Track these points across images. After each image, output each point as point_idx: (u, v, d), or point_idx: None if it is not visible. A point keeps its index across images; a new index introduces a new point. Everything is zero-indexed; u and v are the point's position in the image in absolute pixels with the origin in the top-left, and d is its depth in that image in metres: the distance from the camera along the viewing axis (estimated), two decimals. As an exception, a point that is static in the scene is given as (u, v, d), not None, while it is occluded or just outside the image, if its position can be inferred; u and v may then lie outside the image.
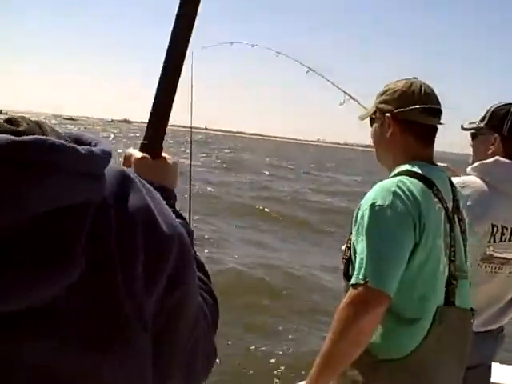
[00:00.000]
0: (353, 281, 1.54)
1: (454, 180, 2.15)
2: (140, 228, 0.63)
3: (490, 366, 2.38)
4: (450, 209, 1.68)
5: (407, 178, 1.62)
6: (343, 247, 1.75)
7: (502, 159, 2.20)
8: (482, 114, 2.30)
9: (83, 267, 0.56)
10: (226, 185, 21.06)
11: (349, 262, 1.69)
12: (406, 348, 1.58)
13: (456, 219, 1.71)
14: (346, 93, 2.67)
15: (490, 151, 2.24)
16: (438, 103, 1.77)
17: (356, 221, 1.63)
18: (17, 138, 0.52)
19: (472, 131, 2.33)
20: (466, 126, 2.35)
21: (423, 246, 1.57)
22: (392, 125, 1.75)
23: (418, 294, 1.59)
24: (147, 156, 1.01)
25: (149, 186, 0.71)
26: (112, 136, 54.89)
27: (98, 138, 0.65)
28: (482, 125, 2.28)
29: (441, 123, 1.78)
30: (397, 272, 1.53)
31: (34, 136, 0.54)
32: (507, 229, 2.18)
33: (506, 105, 2.27)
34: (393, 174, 1.70)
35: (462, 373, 1.72)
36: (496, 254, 2.17)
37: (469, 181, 2.19)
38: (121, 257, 0.60)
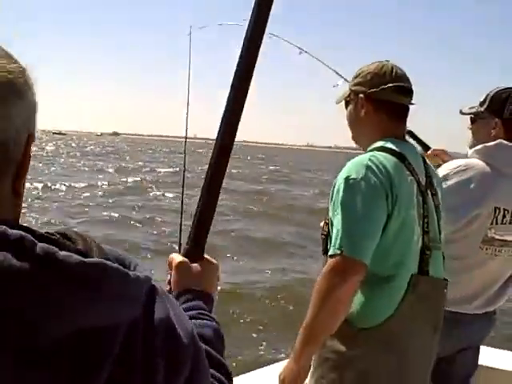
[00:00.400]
0: (330, 252, 1.58)
1: (456, 162, 2.22)
2: (161, 341, 0.67)
3: (478, 348, 2.43)
4: (423, 183, 1.74)
5: (380, 153, 1.69)
6: (321, 223, 1.80)
7: (504, 142, 2.23)
8: (482, 99, 2.32)
9: None
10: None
11: (327, 237, 1.73)
12: (381, 316, 1.63)
13: (429, 193, 1.77)
14: (340, 75, 2.71)
15: (491, 135, 2.26)
16: (409, 82, 1.83)
17: (332, 196, 1.69)
18: (85, 260, 0.58)
19: (471, 116, 2.36)
20: (465, 110, 2.38)
21: (396, 216, 1.62)
22: (365, 105, 1.82)
23: (393, 262, 1.64)
24: (186, 261, 1.03)
25: (172, 298, 0.76)
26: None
27: (135, 260, 0.71)
28: (482, 109, 2.30)
29: (412, 103, 1.84)
30: (371, 241, 1.58)
31: (98, 260, 0.60)
32: (508, 211, 2.21)
33: (506, 89, 2.30)
34: (367, 150, 1.77)
35: (435, 341, 1.78)
36: (497, 237, 2.21)
37: (471, 163, 2.22)
38: (142, 369, 0.64)
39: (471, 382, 2.42)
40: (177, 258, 1.04)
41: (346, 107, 1.92)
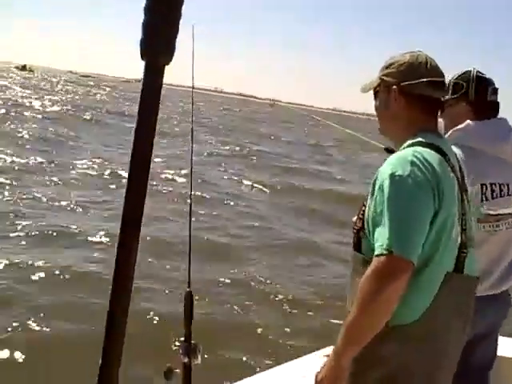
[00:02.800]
0: (377, 252, 1.54)
1: None
2: None
3: (496, 338, 2.42)
4: (460, 178, 1.72)
5: (422, 148, 1.65)
6: (354, 218, 1.76)
7: (471, 122, 2.26)
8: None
9: None
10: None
11: (359, 232, 1.71)
12: (417, 313, 1.60)
13: (464, 189, 1.74)
14: None
15: (461, 120, 2.29)
16: (443, 76, 1.79)
17: (373, 193, 1.64)
18: None
19: None
20: None
21: (442, 213, 1.60)
22: (398, 98, 1.76)
23: (434, 260, 1.61)
24: None
25: None
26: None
27: None
28: (447, 97, 2.29)
29: (445, 96, 1.82)
30: (420, 240, 1.55)
31: None
32: (496, 185, 2.22)
33: (465, 72, 2.33)
34: (405, 145, 1.72)
35: (465, 338, 1.77)
36: (491, 212, 2.22)
37: None
38: None
39: (489, 372, 2.42)
40: None
41: (375, 98, 1.87)
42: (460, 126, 2.26)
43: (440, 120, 2.31)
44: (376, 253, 1.54)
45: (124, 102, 49.05)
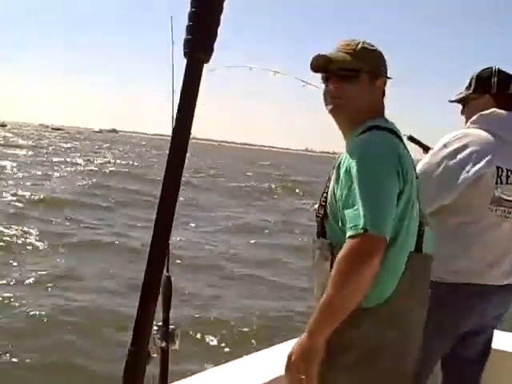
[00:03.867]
0: (351, 233, 1.54)
1: (455, 132, 2.31)
2: None
3: (493, 330, 2.43)
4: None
5: (380, 131, 1.69)
6: (316, 206, 1.77)
7: (498, 110, 2.34)
8: (467, 84, 2.45)
9: None
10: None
11: (322, 219, 1.73)
12: (384, 294, 1.62)
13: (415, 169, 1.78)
14: None
15: (484, 110, 2.34)
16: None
17: (338, 177, 1.66)
18: None
19: (461, 101, 2.47)
20: (454, 98, 2.49)
21: (406, 192, 1.63)
22: (367, 85, 1.78)
23: (399, 240, 1.63)
24: None
25: None
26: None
27: None
28: (470, 91, 2.42)
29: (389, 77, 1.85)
30: (391, 215, 1.57)
31: None
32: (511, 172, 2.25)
33: (487, 68, 2.43)
34: (361, 130, 1.72)
35: (423, 317, 1.78)
36: (505, 197, 2.24)
37: (469, 131, 2.31)
38: None
39: (482, 365, 2.43)
40: None
41: (341, 80, 1.79)
42: (486, 112, 2.33)
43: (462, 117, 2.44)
44: (350, 234, 1.55)
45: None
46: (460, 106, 2.50)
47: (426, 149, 2.56)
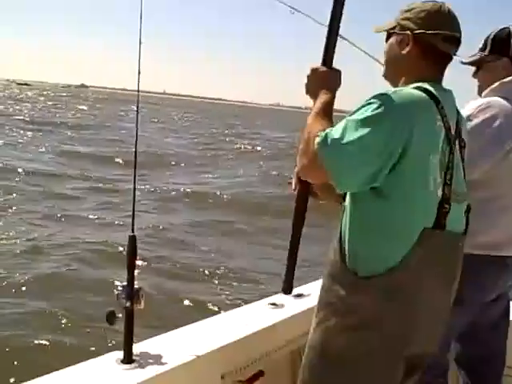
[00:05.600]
0: (318, 140, 1.52)
1: (476, 102, 2.18)
2: None
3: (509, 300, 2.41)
4: (453, 132, 1.65)
5: (414, 90, 1.59)
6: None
7: None
8: (481, 45, 2.28)
9: None
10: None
11: None
12: (383, 265, 1.55)
13: (457, 144, 1.68)
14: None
15: (502, 76, 2.22)
16: (460, 32, 1.72)
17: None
18: None
19: (475, 63, 2.30)
20: (466, 60, 2.30)
21: (412, 156, 1.52)
22: (410, 44, 1.70)
23: (406, 209, 1.56)
24: None
25: None
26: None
27: None
28: (485, 53, 2.25)
29: (456, 54, 1.73)
30: (355, 167, 1.51)
31: None
32: None
33: (504, 28, 2.26)
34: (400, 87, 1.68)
35: (447, 299, 1.70)
36: None
37: (492, 100, 2.18)
38: None
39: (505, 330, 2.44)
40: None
41: (387, 40, 1.79)
42: (507, 80, 2.20)
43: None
44: (318, 140, 1.53)
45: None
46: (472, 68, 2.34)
47: None
